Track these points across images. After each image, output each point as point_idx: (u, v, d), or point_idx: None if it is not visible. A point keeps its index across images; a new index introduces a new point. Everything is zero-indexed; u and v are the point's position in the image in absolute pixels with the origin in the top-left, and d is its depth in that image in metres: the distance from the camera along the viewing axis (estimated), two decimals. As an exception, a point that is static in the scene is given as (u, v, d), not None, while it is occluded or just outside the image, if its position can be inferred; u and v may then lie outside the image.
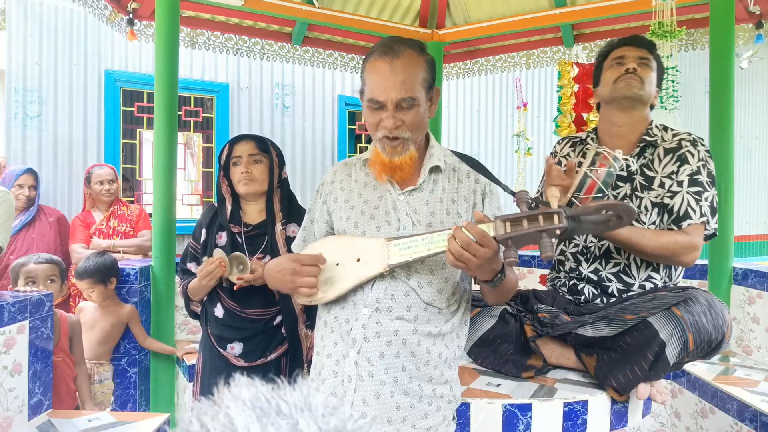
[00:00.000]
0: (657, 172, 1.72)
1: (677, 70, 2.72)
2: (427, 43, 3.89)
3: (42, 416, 1.92)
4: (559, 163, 1.92)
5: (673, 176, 1.69)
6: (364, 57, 1.39)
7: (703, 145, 1.72)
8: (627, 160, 1.66)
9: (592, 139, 1.87)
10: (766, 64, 7.46)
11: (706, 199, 1.65)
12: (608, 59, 1.83)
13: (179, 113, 2.93)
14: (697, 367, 2.34)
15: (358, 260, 1.33)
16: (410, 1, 3.80)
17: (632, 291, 1.73)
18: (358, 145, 5.56)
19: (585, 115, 3.75)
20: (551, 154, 2.02)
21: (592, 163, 1.60)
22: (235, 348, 1.86)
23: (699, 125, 6.69)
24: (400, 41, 1.33)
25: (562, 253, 1.89)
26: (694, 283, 2.77)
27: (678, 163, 1.69)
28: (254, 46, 3.73)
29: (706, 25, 3.04)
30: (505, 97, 6.11)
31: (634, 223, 1.71)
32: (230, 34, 3.62)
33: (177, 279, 2.03)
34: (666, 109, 2.67)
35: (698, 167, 1.68)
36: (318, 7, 3.43)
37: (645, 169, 1.74)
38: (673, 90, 2.73)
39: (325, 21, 3.53)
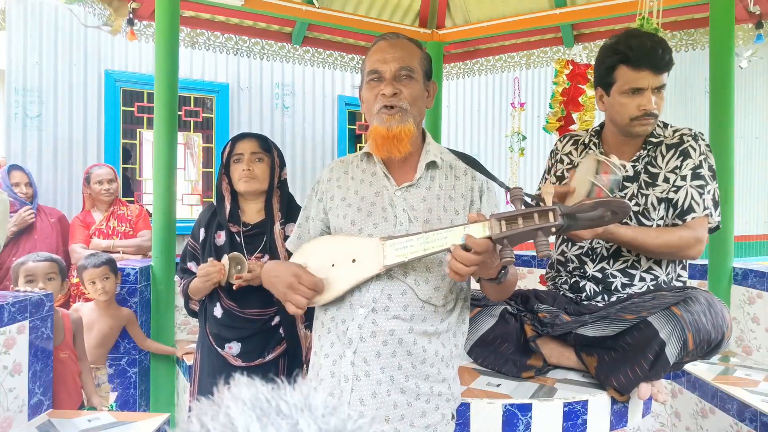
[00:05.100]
0: (661, 168, 1.74)
1: None
2: (427, 43, 3.89)
3: (42, 416, 1.93)
4: (562, 160, 1.93)
5: (677, 171, 1.71)
6: (364, 57, 1.41)
7: (703, 139, 1.74)
8: (624, 166, 1.64)
9: (594, 144, 1.85)
10: (766, 63, 7.45)
11: (708, 192, 1.69)
12: (622, 79, 1.66)
13: (179, 113, 2.93)
14: (697, 367, 2.34)
15: (354, 261, 1.32)
16: (410, 1, 3.80)
17: (634, 284, 1.74)
18: (358, 145, 5.57)
19: (575, 115, 3.72)
20: (552, 151, 2.01)
21: (596, 172, 1.60)
22: (233, 348, 1.86)
23: (699, 125, 6.65)
24: (400, 34, 1.44)
25: (563, 254, 1.89)
26: (694, 283, 2.77)
27: (681, 158, 1.71)
28: (254, 46, 3.73)
29: (706, 25, 3.04)
30: (505, 97, 6.11)
31: (642, 220, 1.72)
32: (230, 34, 3.62)
33: (176, 278, 2.03)
34: None
35: (700, 161, 1.70)
36: (318, 7, 3.43)
37: (649, 167, 1.75)
38: None
39: (325, 21, 3.53)
